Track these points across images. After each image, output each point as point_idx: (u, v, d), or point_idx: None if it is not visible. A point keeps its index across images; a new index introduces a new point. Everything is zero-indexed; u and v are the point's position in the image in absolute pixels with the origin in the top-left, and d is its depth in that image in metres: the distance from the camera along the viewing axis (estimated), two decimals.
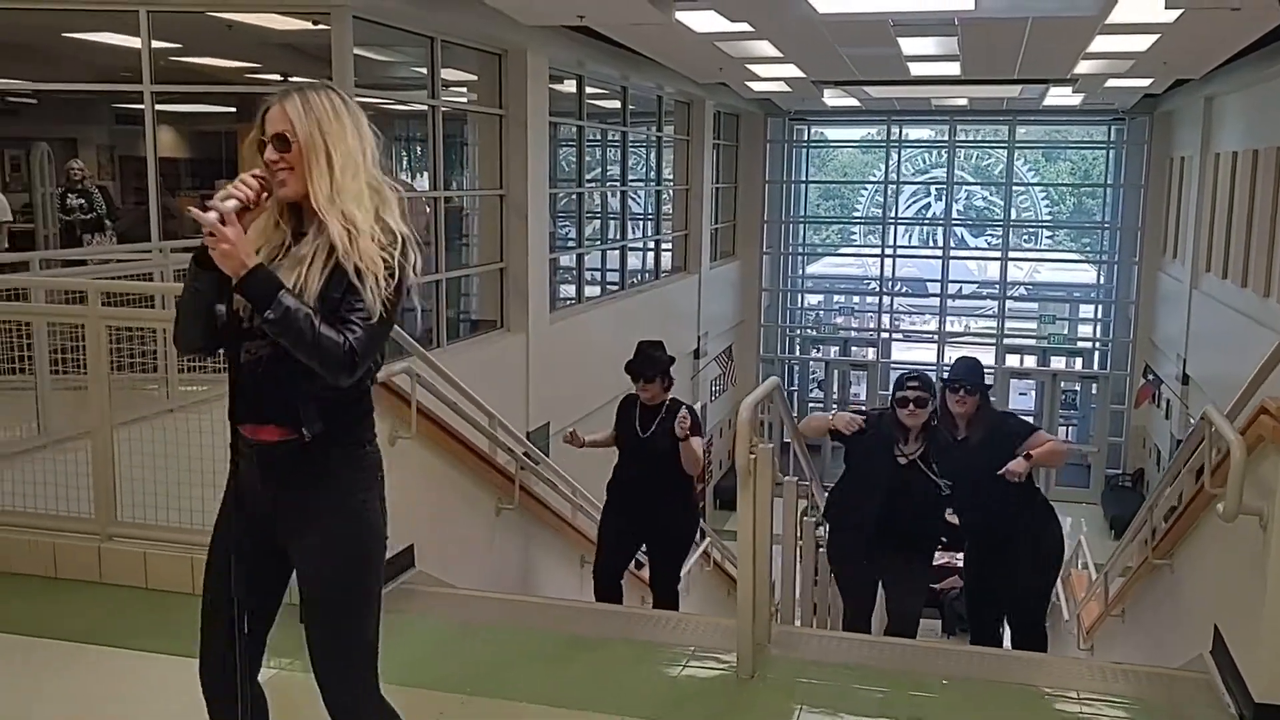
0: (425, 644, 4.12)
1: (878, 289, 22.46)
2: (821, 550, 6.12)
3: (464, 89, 11.82)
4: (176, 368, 6.59)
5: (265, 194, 2.27)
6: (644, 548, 6.36)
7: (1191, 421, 5.70)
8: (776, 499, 4.56)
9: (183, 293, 2.33)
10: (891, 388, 5.36)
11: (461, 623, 4.42)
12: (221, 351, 2.41)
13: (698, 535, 7.37)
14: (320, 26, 9.02)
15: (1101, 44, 10.96)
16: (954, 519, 5.81)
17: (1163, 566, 5.01)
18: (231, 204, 2.19)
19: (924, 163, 23.62)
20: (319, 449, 2.34)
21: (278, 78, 11.84)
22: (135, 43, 8.74)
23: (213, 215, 2.16)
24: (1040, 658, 4.90)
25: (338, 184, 2.27)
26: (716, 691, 3.86)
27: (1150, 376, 18.86)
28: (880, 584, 5.48)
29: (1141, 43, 10.90)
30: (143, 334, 6.12)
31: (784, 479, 5.42)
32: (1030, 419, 19.98)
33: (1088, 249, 22.78)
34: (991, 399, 5.63)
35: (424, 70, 10.41)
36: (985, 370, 5.60)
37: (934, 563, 10.42)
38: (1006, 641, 5.99)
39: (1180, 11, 8.81)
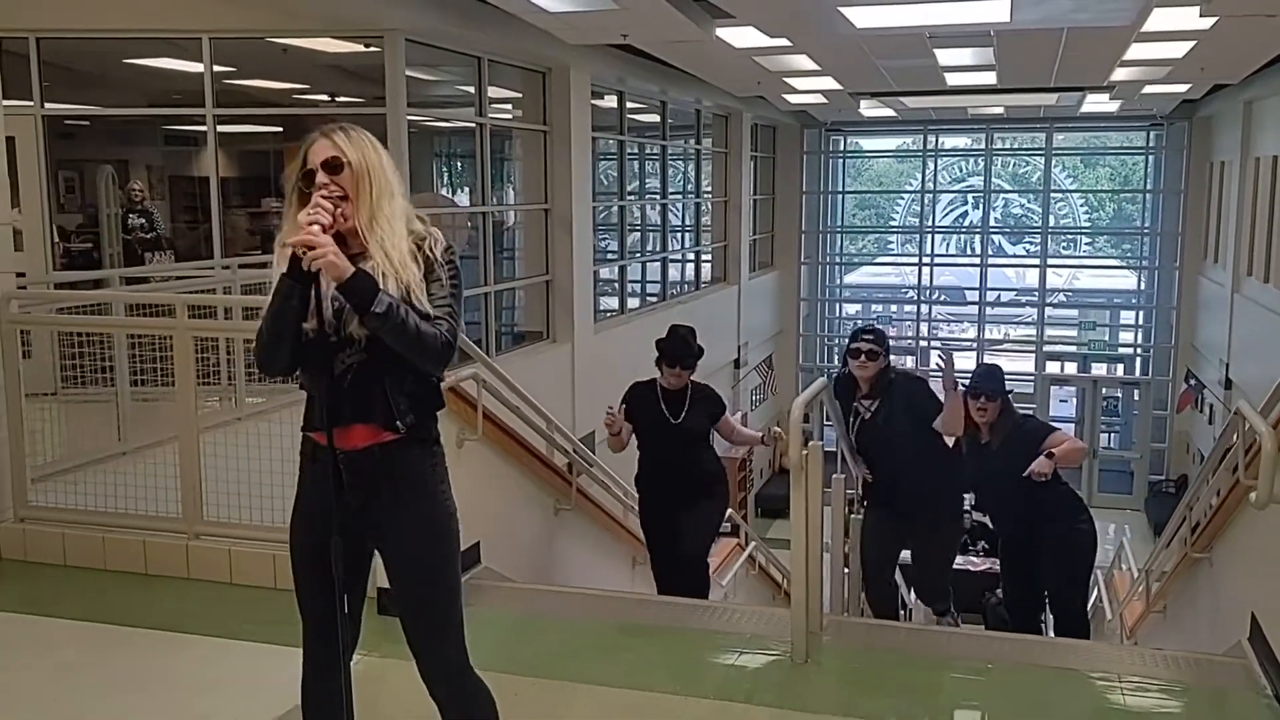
0: (495, 633, 4.36)
1: (916, 298, 22.54)
2: None
3: (509, 106, 12.13)
4: (244, 379, 6.93)
5: (340, 211, 2.49)
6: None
7: None
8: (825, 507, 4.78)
9: (271, 315, 2.52)
10: (847, 340, 5.61)
11: (528, 614, 4.67)
12: (300, 369, 2.61)
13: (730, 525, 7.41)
14: (371, 49, 9.36)
15: (1138, 51, 11.06)
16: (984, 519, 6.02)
17: (1202, 560, 5.16)
18: (317, 228, 2.42)
19: (961, 171, 23.67)
20: (401, 450, 2.58)
21: (325, 98, 12.22)
22: (190, 67, 9.13)
23: (315, 229, 2.40)
24: (1083, 644, 5.06)
25: (376, 209, 2.52)
26: (772, 675, 4.07)
27: (1192, 381, 18.81)
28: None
29: (1178, 49, 10.97)
30: (214, 345, 6.47)
31: (832, 479, 5.60)
32: (1071, 426, 20.09)
33: (1128, 255, 22.73)
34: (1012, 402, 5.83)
35: (470, 89, 10.73)
36: (1006, 376, 5.82)
37: (976, 569, 10.49)
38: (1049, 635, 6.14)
39: (1216, 18, 8.91)
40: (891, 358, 5.66)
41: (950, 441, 5.58)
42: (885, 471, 5.50)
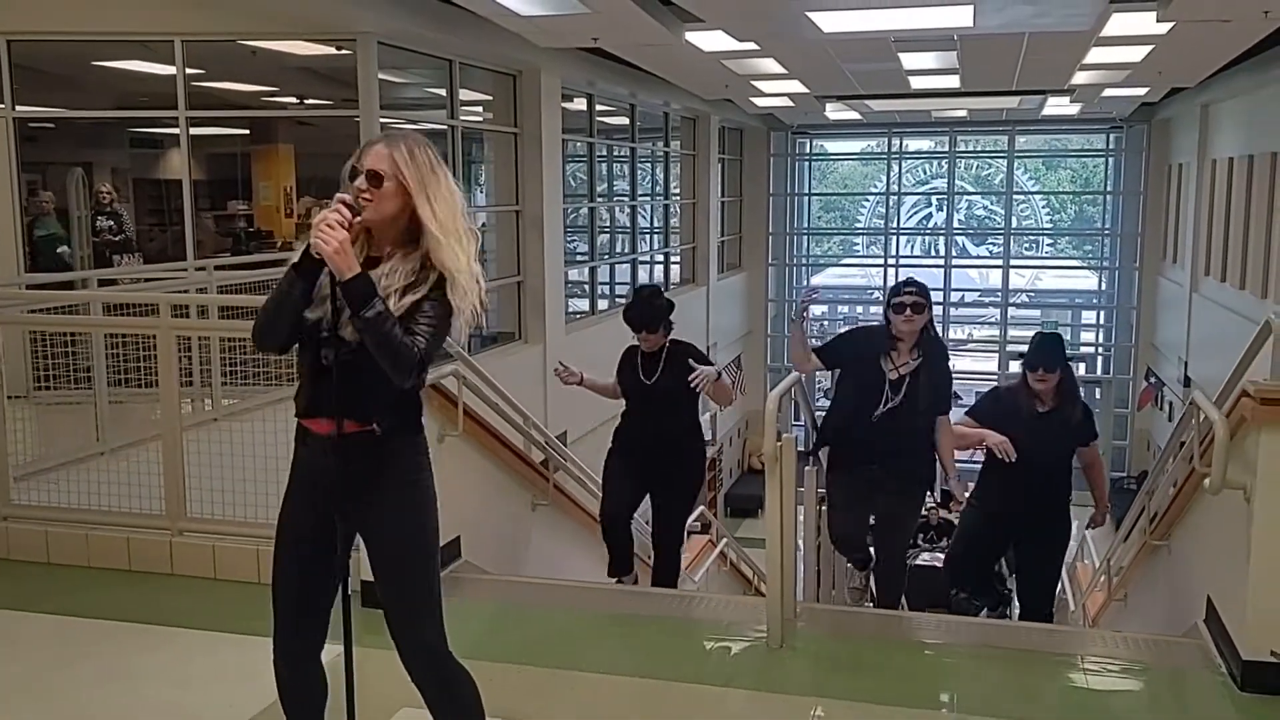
0: (478, 624, 4.46)
1: (881, 299, 22.77)
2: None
3: (479, 108, 12.21)
4: (220, 380, 6.98)
5: (356, 217, 2.60)
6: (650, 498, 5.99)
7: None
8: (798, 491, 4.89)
9: (275, 297, 2.66)
10: (886, 295, 5.19)
11: (508, 604, 4.78)
12: (296, 355, 2.74)
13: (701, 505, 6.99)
14: (342, 52, 9.41)
15: (1097, 55, 11.31)
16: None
17: (1160, 548, 5.34)
18: (334, 219, 2.53)
19: (925, 173, 23.97)
20: (386, 438, 2.71)
21: (294, 100, 12.25)
22: (160, 69, 9.14)
23: (334, 217, 2.52)
24: (1046, 627, 5.20)
25: (444, 226, 2.62)
26: (748, 659, 4.20)
27: (1152, 379, 19.15)
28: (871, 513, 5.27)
29: (1136, 54, 11.23)
30: (188, 347, 6.51)
31: (803, 473, 5.72)
32: None
33: (1090, 255, 23.11)
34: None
35: (441, 91, 10.80)
36: (1065, 344, 5.55)
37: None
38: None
39: (1173, 23, 9.14)
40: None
41: None
42: (897, 436, 4.96)
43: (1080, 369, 22.32)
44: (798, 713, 3.75)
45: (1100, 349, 22.13)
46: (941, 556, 11.44)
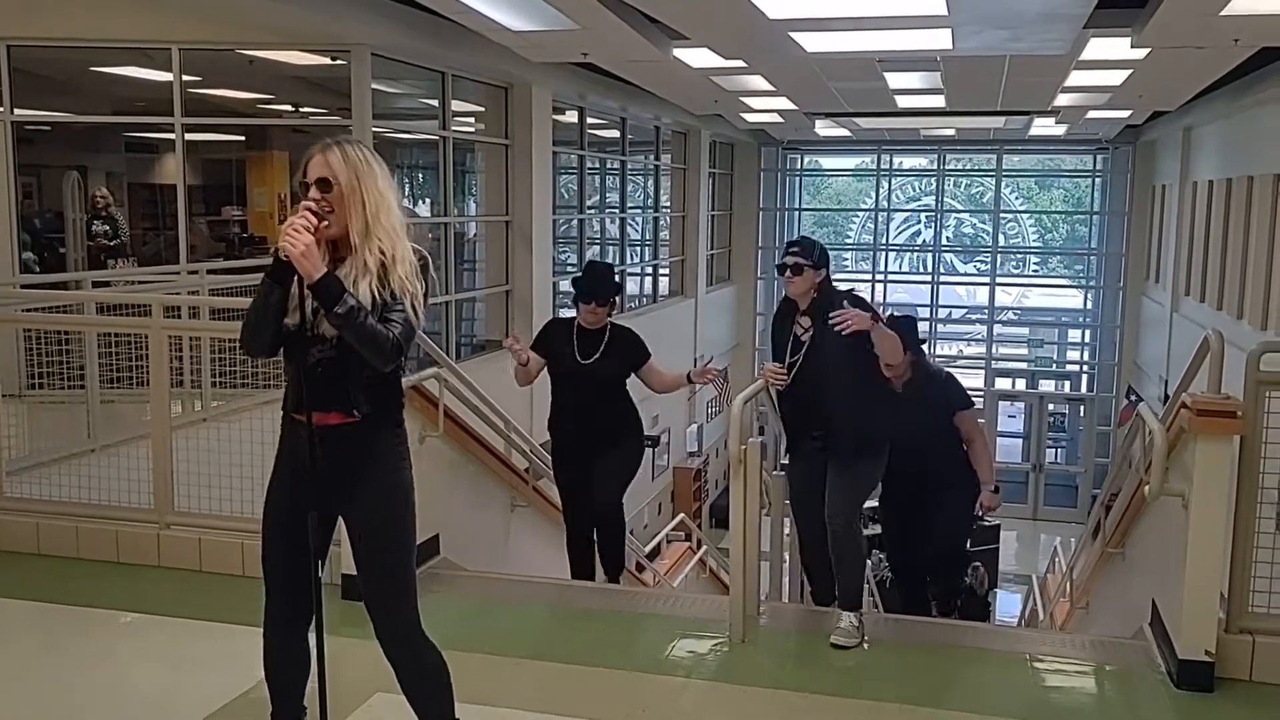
0: (454, 617, 4.63)
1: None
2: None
3: (471, 120, 12.41)
4: (209, 380, 7.15)
5: (322, 223, 2.78)
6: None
7: None
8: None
9: (254, 307, 2.86)
10: None
11: (483, 599, 4.96)
12: (283, 356, 2.94)
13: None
14: (338, 62, 9.61)
15: (1078, 79, 11.55)
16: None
17: (1116, 555, 5.54)
18: (301, 223, 2.72)
19: (914, 190, 24.20)
20: (369, 429, 2.92)
21: (289, 108, 12.43)
22: (156, 76, 9.32)
23: (300, 222, 2.70)
24: (998, 628, 5.41)
25: (372, 221, 2.83)
26: (712, 653, 4.38)
27: (1133, 398, 19.35)
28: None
29: (1116, 77, 11.47)
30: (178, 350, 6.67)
31: (771, 476, 5.88)
32: (1019, 441, 20.44)
33: (1078, 274, 23.35)
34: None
35: (433, 102, 11.00)
36: (919, 326, 5.72)
37: None
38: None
39: (1148, 49, 9.37)
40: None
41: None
42: (814, 402, 4.66)
43: (1065, 386, 22.58)
44: (755, 703, 3.93)
45: (1085, 367, 22.37)
46: None
